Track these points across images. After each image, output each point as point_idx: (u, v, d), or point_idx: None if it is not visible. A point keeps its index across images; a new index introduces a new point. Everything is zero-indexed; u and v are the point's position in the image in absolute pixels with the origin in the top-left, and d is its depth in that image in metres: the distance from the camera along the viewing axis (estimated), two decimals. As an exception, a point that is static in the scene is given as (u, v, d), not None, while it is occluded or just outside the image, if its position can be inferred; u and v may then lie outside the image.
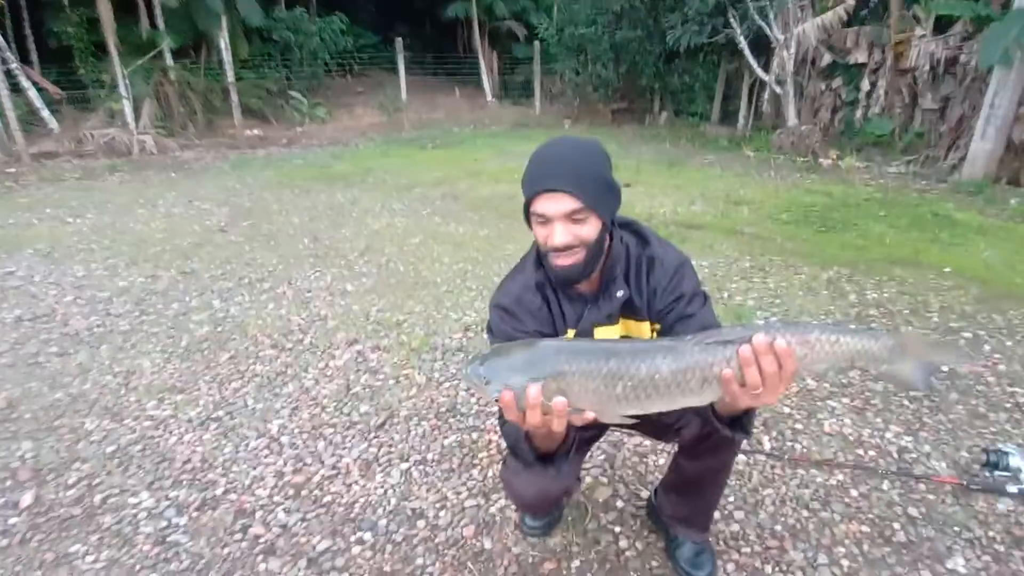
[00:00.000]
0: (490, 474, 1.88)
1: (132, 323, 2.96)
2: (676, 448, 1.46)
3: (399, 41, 10.27)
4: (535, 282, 1.26)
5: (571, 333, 1.27)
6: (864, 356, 0.84)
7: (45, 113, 7.92)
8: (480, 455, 1.96)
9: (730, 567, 1.53)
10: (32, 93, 7.84)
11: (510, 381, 0.87)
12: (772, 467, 1.91)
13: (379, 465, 1.93)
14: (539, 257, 1.26)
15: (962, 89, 6.58)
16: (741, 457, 1.92)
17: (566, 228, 1.13)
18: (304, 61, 10.83)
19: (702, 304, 1.25)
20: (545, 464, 1.17)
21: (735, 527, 1.67)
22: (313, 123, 9.90)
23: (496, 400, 0.90)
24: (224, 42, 9.06)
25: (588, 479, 1.85)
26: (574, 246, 1.14)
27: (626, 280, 1.26)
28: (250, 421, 2.18)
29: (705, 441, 1.31)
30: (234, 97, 9.30)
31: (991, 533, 1.65)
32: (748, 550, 1.59)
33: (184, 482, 1.87)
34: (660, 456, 1.94)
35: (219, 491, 1.83)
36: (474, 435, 2.06)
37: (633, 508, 1.73)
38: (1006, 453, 1.85)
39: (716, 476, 1.44)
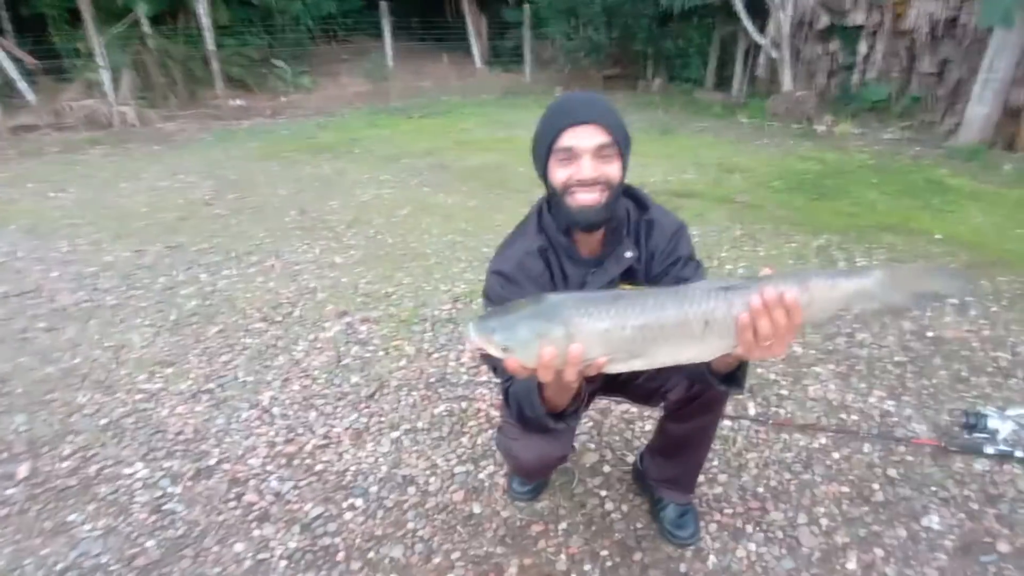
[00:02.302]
0: (479, 441, 1.93)
1: (120, 298, 2.97)
2: (662, 413, 1.51)
3: (384, 5, 10.04)
4: (537, 247, 1.26)
5: None
6: (860, 295, 0.87)
7: (22, 85, 7.76)
8: (469, 423, 2.01)
9: (712, 527, 1.60)
10: (7, 64, 7.65)
11: (521, 333, 0.83)
12: (757, 432, 1.97)
13: (370, 434, 1.98)
14: (540, 221, 1.27)
15: (961, 51, 6.53)
16: (727, 423, 1.98)
17: (594, 163, 1.14)
18: (287, 27, 10.59)
19: (696, 269, 1.29)
20: (557, 420, 1.14)
21: (718, 489, 1.73)
22: (298, 92, 9.73)
23: (510, 357, 0.85)
24: (202, 8, 8.84)
25: (575, 444, 1.90)
26: (600, 182, 1.15)
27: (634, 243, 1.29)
28: (241, 393, 2.21)
29: (691, 403, 1.36)
30: (215, 66, 9.11)
31: (966, 492, 1.73)
32: (731, 511, 1.66)
33: (177, 453, 1.92)
34: (647, 422, 1.99)
35: (212, 461, 1.88)
36: (463, 404, 2.11)
37: (620, 473, 1.79)
38: (985, 415, 1.92)
39: (701, 437, 1.49)
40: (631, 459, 1.83)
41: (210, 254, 3.49)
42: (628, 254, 1.27)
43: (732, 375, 1.12)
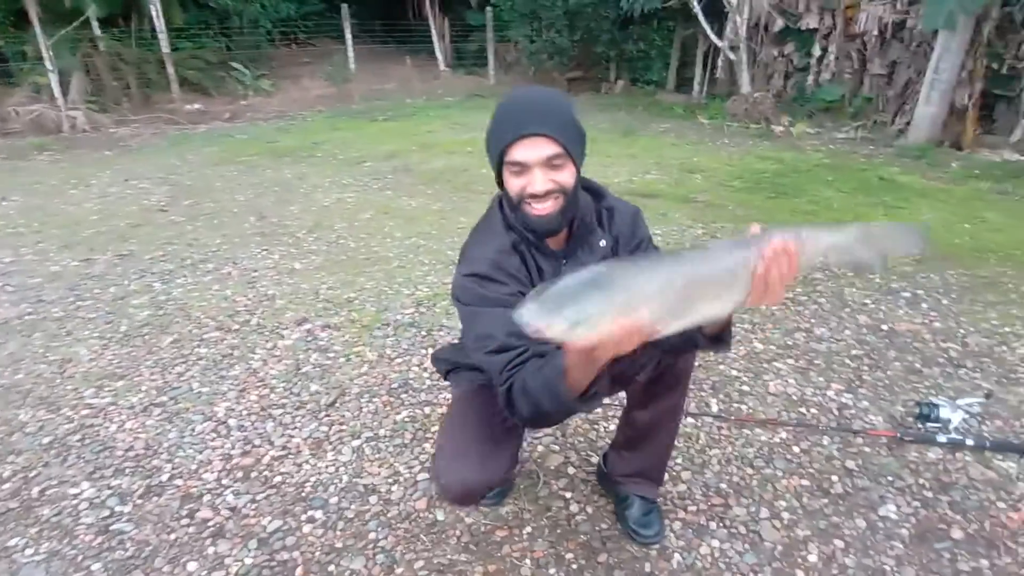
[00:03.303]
0: (443, 447, 1.90)
1: (66, 309, 2.84)
2: (625, 406, 1.52)
3: (344, 8, 9.91)
4: (510, 243, 1.24)
5: None
6: (835, 248, 0.91)
7: (-38, 89, 7.40)
8: (432, 429, 1.97)
9: (677, 525, 1.60)
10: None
11: (589, 306, 0.76)
12: (719, 428, 1.98)
13: (330, 443, 1.93)
14: (505, 219, 1.25)
15: (908, 54, 6.77)
16: (689, 420, 1.99)
17: (545, 174, 1.13)
18: (245, 30, 10.35)
19: (656, 251, 1.34)
20: (585, 401, 1.03)
21: (682, 487, 1.74)
22: (258, 96, 9.51)
23: (578, 334, 0.77)
24: (156, 9, 8.57)
25: (540, 447, 1.89)
26: (553, 192, 1.15)
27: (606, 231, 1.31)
28: (195, 405, 2.14)
29: (659, 382, 1.38)
30: (170, 69, 8.84)
31: (921, 481, 1.77)
32: (694, 508, 1.66)
33: (127, 470, 1.83)
34: (611, 423, 1.99)
35: (164, 477, 1.80)
36: (426, 409, 2.08)
37: (584, 474, 1.78)
38: (937, 406, 1.98)
39: (667, 422, 1.50)
40: (595, 459, 1.82)
41: (164, 262, 3.37)
42: (602, 243, 1.29)
43: (719, 337, 1.12)
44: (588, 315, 0.76)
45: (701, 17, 7.91)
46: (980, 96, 6.07)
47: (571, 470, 1.80)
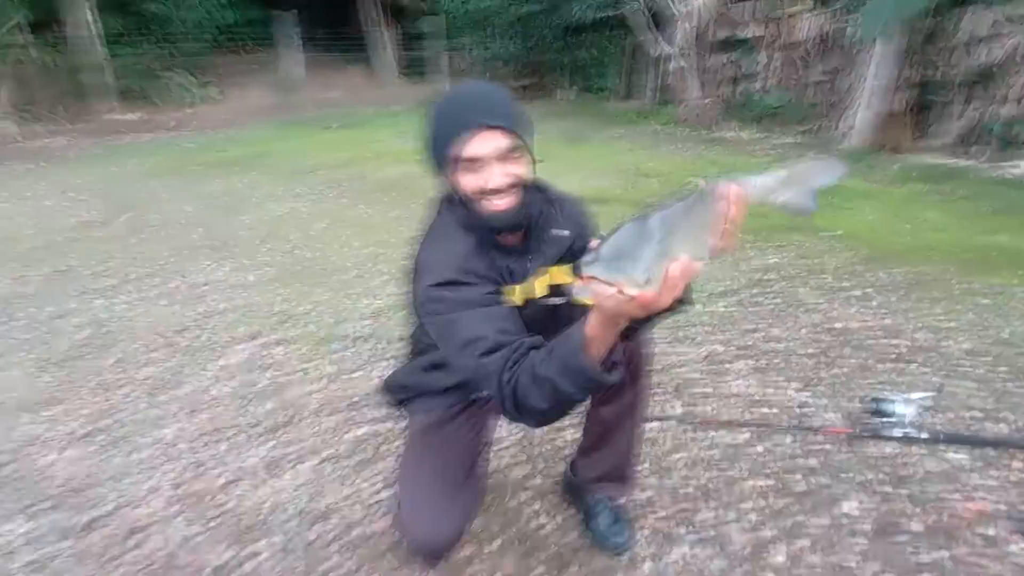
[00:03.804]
0: (407, 463, 1.84)
1: (-4, 331, 2.66)
2: (588, 406, 1.49)
3: (290, 15, 9.71)
4: (474, 244, 1.19)
5: (519, 289, 1.22)
6: (767, 190, 0.93)
7: None
8: (395, 443, 1.91)
9: (645, 532, 1.59)
10: None
11: (652, 262, 0.77)
12: (683, 432, 1.99)
13: (287, 463, 1.85)
14: (461, 220, 1.20)
15: (848, 61, 7.06)
16: (653, 424, 1.99)
17: (502, 168, 1.10)
18: (189, 36, 10.02)
19: None
20: (611, 372, 0.96)
21: (649, 493, 1.73)
22: (204, 104, 9.24)
23: (651, 285, 0.76)
24: (90, 14, 8.21)
25: (505, 458, 1.86)
26: (512, 185, 1.12)
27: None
28: (142, 429, 2.02)
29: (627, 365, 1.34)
30: (109, 77, 8.48)
31: (879, 475, 1.81)
32: (662, 514, 1.66)
33: (68, 503, 1.71)
34: (577, 431, 1.97)
35: (108, 507, 1.69)
36: (388, 424, 2.01)
37: (551, 484, 1.76)
38: (890, 400, 2.03)
39: (632, 415, 1.48)
40: (562, 468, 1.80)
41: (105, 278, 3.20)
42: (564, 233, 1.27)
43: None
44: (651, 265, 0.76)
45: (649, 25, 8.08)
46: (916, 102, 6.38)
47: (538, 480, 1.78)
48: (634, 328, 1.23)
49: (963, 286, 3.09)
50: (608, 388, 1.04)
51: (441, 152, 1.13)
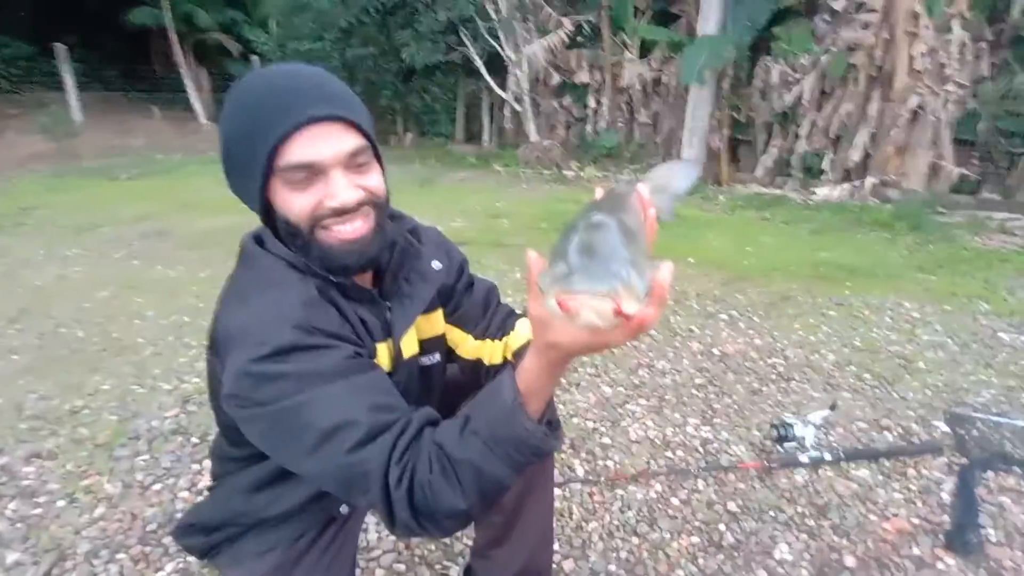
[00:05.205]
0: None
1: None
2: None
3: (62, 50, 8.48)
4: (314, 291, 0.82)
5: (383, 348, 0.90)
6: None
7: None
8: (218, 581, 1.41)
9: (574, 639, 1.28)
10: None
11: (629, 271, 0.53)
12: (590, 494, 1.74)
13: (38, 649, 1.26)
14: (290, 261, 0.84)
15: (668, 105, 7.79)
16: (556, 491, 1.71)
17: (348, 179, 0.79)
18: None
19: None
20: (552, 432, 0.72)
21: (568, 582, 1.43)
22: (-64, 156, 7.59)
23: (646, 295, 0.53)
24: None
25: (379, 571, 1.44)
26: (364, 203, 0.81)
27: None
28: None
29: None
30: None
31: (799, 509, 1.71)
32: (589, 607, 1.36)
33: None
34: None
35: None
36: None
37: (445, 596, 1.39)
38: (789, 424, 1.97)
39: (539, 493, 1.18)
40: (456, 571, 1.43)
41: None
42: (436, 265, 0.99)
43: None
44: (644, 270, 0.54)
45: (483, 71, 8.29)
46: (729, 140, 7.16)
47: (426, 595, 1.39)
48: None
49: (810, 301, 3.30)
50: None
51: (251, 162, 0.78)
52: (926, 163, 5.79)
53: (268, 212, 0.83)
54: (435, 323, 1.04)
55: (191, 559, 1.46)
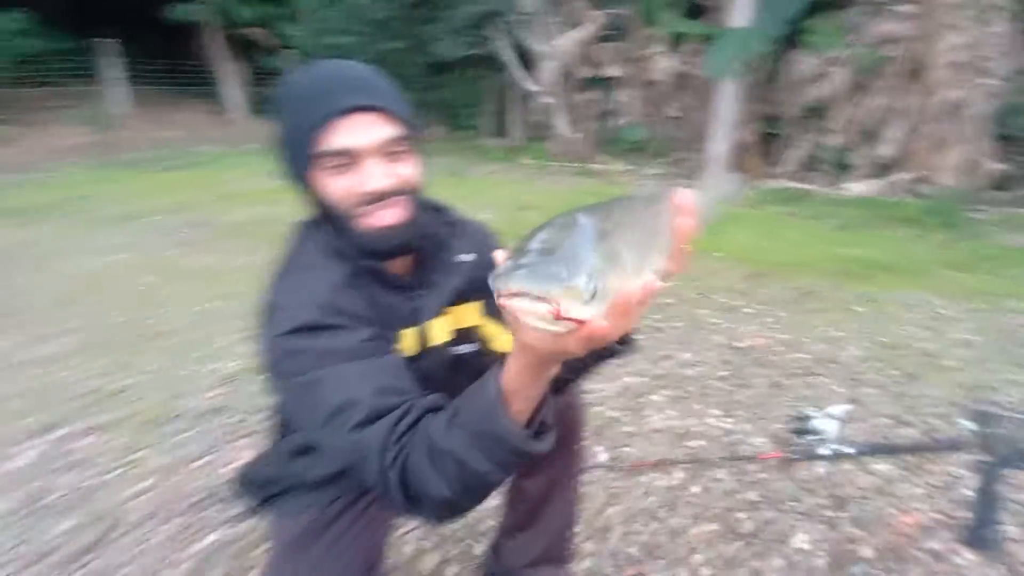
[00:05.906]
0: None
1: None
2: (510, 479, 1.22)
3: (110, 45, 8.74)
4: (347, 275, 0.88)
5: (410, 334, 0.95)
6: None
7: None
8: (253, 555, 1.49)
9: (593, 615, 1.33)
10: None
11: (596, 264, 0.51)
12: (613, 480, 1.78)
13: (96, 606, 1.35)
14: (328, 245, 0.91)
15: (697, 98, 7.69)
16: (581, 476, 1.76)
17: (384, 167, 0.84)
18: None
19: None
20: (540, 436, 0.71)
21: (588, 563, 1.48)
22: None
23: (594, 301, 0.50)
24: None
25: (407, 548, 1.51)
26: (399, 192, 0.86)
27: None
28: None
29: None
30: None
31: (819, 500, 1.72)
32: (608, 586, 1.41)
33: None
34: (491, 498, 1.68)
35: None
36: (247, 524, 1.57)
37: (469, 572, 1.44)
38: (809, 417, 1.98)
39: (565, 485, 1.25)
40: (480, 549, 1.49)
41: None
42: (463, 258, 1.01)
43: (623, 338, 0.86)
44: (596, 272, 0.50)
45: (513, 64, 8.29)
46: (762, 134, 7.06)
47: (453, 570, 1.45)
48: (567, 378, 0.99)
49: (838, 296, 3.27)
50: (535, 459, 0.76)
51: (297, 150, 0.84)
52: (960, 158, 5.64)
53: (315, 201, 0.88)
54: (469, 314, 1.06)
55: (232, 530, 1.55)
